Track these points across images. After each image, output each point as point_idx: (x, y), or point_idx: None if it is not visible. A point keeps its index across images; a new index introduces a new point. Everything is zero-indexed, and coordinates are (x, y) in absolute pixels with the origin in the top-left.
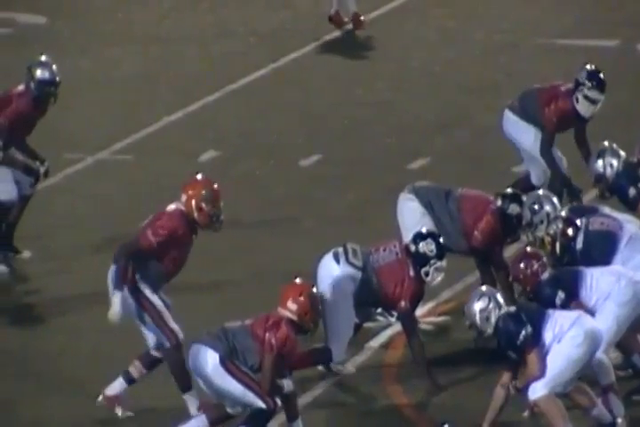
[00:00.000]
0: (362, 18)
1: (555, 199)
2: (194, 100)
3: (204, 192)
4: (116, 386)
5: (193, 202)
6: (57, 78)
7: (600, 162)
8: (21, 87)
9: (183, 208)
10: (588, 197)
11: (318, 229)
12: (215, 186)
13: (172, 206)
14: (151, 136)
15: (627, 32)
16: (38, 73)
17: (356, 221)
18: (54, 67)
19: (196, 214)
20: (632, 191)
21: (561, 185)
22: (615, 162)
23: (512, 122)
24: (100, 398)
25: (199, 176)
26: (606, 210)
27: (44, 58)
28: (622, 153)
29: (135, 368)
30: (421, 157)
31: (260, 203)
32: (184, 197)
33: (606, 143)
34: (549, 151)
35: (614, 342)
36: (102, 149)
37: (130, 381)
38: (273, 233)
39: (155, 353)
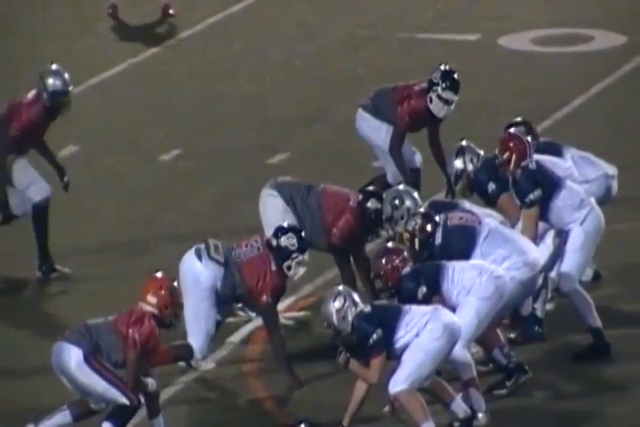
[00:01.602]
0: (171, 11)
1: (416, 195)
2: None
3: None
4: None
5: None
6: (69, 88)
7: (459, 160)
8: (31, 95)
9: None
10: (442, 195)
11: (179, 223)
12: None
13: None
14: None
15: (488, 26)
16: (50, 82)
17: (217, 216)
18: (66, 75)
19: None
20: (491, 186)
21: (406, 184)
22: (474, 159)
23: (364, 120)
24: None
25: None
26: (466, 205)
27: (54, 66)
28: (480, 151)
29: None
30: (281, 152)
31: (121, 198)
32: None
33: (464, 142)
34: (398, 149)
35: (475, 336)
36: None
37: None
38: (134, 228)
39: None
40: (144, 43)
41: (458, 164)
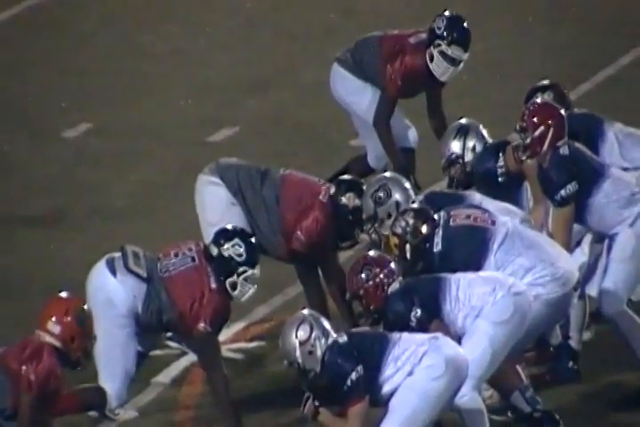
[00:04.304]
0: None
1: (407, 184)
2: None
3: None
4: None
5: None
6: None
7: (458, 142)
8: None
9: None
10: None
11: (89, 222)
12: None
13: None
14: None
15: None
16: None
17: (140, 212)
18: None
19: None
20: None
21: (397, 169)
22: (477, 146)
23: (342, 79)
24: None
25: None
26: (476, 197)
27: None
28: (487, 137)
29: None
30: (226, 127)
31: (13, 188)
32: None
33: (464, 120)
34: (386, 122)
35: (488, 374)
36: None
37: None
38: (31, 227)
39: None
40: None
41: (455, 146)
